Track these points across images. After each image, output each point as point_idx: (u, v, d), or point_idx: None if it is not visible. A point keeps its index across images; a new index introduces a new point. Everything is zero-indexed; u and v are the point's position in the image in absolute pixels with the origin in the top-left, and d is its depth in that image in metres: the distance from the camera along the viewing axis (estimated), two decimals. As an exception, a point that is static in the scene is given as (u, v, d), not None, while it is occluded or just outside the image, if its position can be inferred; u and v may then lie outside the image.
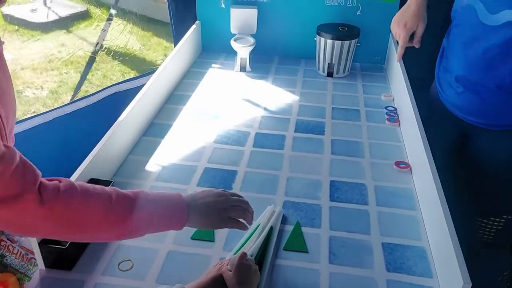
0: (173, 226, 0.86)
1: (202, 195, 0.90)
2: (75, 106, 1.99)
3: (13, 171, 0.68)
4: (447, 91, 1.39)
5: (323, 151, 1.42)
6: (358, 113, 1.65)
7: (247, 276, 0.88)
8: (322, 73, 1.94)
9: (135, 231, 0.82)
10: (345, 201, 1.21)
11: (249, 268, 0.89)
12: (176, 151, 1.41)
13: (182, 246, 1.05)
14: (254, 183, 1.28)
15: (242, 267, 0.88)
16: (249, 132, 1.51)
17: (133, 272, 0.98)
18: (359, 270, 1.00)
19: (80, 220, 0.76)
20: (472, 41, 1.25)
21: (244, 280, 0.86)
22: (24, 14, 3.71)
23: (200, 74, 1.92)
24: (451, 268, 0.88)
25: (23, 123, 1.84)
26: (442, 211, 0.99)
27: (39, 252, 0.95)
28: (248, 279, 0.87)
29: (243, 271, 0.88)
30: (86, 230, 0.78)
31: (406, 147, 1.44)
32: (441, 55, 1.45)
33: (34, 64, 3.49)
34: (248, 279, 0.87)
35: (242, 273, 0.87)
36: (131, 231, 0.82)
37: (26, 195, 0.69)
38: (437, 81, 1.46)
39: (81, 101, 2.01)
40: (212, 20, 2.04)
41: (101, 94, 2.08)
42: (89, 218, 0.76)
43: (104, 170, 1.23)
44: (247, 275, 0.88)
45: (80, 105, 2.00)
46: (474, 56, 1.25)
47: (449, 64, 1.38)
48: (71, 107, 1.98)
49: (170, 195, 0.87)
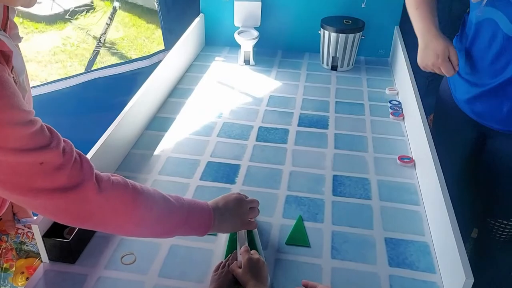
0: (198, 233, 0.92)
1: (223, 202, 0.97)
2: (64, 84, 1.92)
3: (74, 162, 0.72)
4: (463, 94, 1.38)
5: (326, 145, 1.42)
6: (362, 107, 1.64)
7: (258, 269, 0.90)
8: (326, 66, 1.93)
9: (169, 233, 0.90)
10: (348, 196, 1.21)
11: (257, 261, 0.91)
12: (179, 145, 1.41)
13: (184, 240, 1.05)
14: (257, 177, 1.27)
15: (251, 262, 0.90)
16: (252, 126, 1.51)
17: (136, 265, 0.99)
18: (362, 265, 1.00)
19: (128, 213, 0.81)
20: (498, 54, 1.22)
21: (256, 274, 0.88)
22: (29, 7, 3.70)
23: (204, 68, 1.91)
24: (454, 263, 0.87)
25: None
26: (445, 206, 0.98)
27: (43, 245, 0.96)
28: (259, 272, 0.89)
29: (253, 265, 0.90)
30: (130, 222, 0.82)
31: (410, 142, 1.43)
32: None
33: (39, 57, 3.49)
34: (259, 271, 0.89)
35: (252, 267, 0.90)
36: (167, 231, 0.89)
37: (86, 184, 0.73)
38: (450, 81, 1.45)
39: (72, 79, 1.93)
40: (215, 13, 2.03)
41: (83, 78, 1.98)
42: (136, 212, 0.81)
43: (107, 164, 1.23)
44: (257, 268, 0.90)
45: (71, 83, 1.94)
46: (499, 67, 1.23)
47: (471, 74, 1.34)
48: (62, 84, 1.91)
49: (200, 203, 0.93)
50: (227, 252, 1.01)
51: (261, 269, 0.90)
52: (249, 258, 0.91)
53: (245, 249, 0.95)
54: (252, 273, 0.89)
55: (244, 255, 0.93)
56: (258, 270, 0.90)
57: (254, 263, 0.91)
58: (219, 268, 0.95)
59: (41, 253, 0.98)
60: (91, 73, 2.02)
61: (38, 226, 0.94)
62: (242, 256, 0.93)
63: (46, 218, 0.96)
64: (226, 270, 0.93)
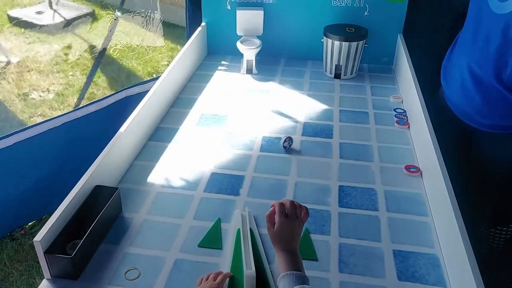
0: None
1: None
2: (85, 111, 1.98)
3: None
4: (451, 85, 1.37)
5: (331, 155, 1.40)
6: (367, 115, 1.63)
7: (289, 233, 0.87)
8: (330, 74, 1.92)
9: None
10: (354, 207, 1.19)
11: (291, 225, 0.87)
12: (182, 156, 1.40)
13: (189, 254, 1.04)
14: (262, 188, 1.26)
15: (283, 225, 0.86)
16: (255, 136, 1.50)
17: (140, 281, 0.97)
18: (370, 279, 0.98)
19: None
20: (481, 31, 1.25)
21: (285, 238, 0.86)
22: (30, 16, 3.71)
23: (206, 77, 1.90)
24: (466, 277, 0.85)
25: (32, 128, 1.83)
26: (454, 217, 0.96)
27: (45, 262, 0.94)
28: (290, 237, 0.87)
29: (285, 229, 0.86)
30: None
31: (416, 151, 1.41)
32: (452, 48, 1.43)
33: (40, 67, 3.49)
34: (290, 236, 0.87)
35: (283, 231, 0.86)
36: None
37: None
38: (443, 75, 1.44)
39: (92, 105, 2.00)
40: (217, 22, 2.02)
41: (112, 99, 2.07)
42: None
43: (109, 176, 1.21)
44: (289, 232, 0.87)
45: (91, 110, 1.99)
46: (480, 45, 1.25)
47: (456, 55, 1.37)
48: (81, 112, 1.97)
49: None
50: (233, 266, 0.99)
51: (293, 234, 0.87)
52: (282, 220, 0.86)
53: (279, 208, 0.88)
54: (284, 236, 0.86)
55: (278, 215, 0.87)
56: (289, 235, 0.86)
57: (286, 227, 0.86)
58: (201, 282, 0.93)
59: (43, 269, 0.96)
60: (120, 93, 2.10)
61: (40, 243, 0.92)
62: (276, 215, 0.88)
63: (48, 233, 0.94)
64: (210, 283, 0.91)
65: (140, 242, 1.07)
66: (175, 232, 1.10)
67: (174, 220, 1.14)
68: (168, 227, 1.12)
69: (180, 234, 1.09)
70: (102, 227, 1.07)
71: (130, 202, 1.19)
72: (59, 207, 1.00)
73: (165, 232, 1.10)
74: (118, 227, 1.11)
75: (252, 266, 0.93)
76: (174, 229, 1.11)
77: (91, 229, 1.00)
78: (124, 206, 1.17)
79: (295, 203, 0.90)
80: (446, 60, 1.45)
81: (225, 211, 1.17)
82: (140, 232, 1.10)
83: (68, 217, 1.01)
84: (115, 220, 1.13)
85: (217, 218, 1.14)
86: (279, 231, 0.86)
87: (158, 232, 1.10)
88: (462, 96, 1.34)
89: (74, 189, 1.05)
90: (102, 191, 1.11)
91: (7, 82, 3.15)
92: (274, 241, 0.88)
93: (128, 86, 2.16)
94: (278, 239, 0.87)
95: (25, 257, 1.95)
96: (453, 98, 1.39)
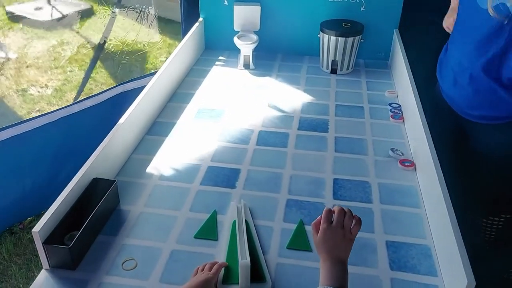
0: None
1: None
2: (82, 105, 1.99)
3: None
4: (445, 79, 1.40)
5: (327, 148, 1.42)
6: (362, 110, 1.64)
7: (334, 242, 0.81)
8: (326, 70, 1.93)
9: None
10: (348, 199, 1.21)
11: (336, 233, 0.82)
12: (179, 149, 1.41)
13: (185, 245, 1.05)
14: (258, 181, 1.27)
15: (327, 233, 0.82)
16: (252, 130, 1.51)
17: (137, 271, 0.99)
18: (363, 269, 1.00)
19: None
20: (468, 25, 1.28)
21: (330, 248, 0.81)
22: (29, 12, 3.71)
23: (203, 72, 1.92)
24: (456, 267, 0.87)
25: (29, 122, 1.84)
26: (446, 209, 0.98)
27: (44, 252, 0.96)
28: (335, 245, 0.82)
29: (329, 237, 0.81)
30: None
31: (410, 145, 1.43)
32: (448, 42, 1.45)
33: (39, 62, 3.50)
34: (335, 245, 0.82)
35: (328, 239, 0.81)
36: None
37: None
38: (438, 69, 1.46)
39: (88, 100, 2.01)
40: (215, 18, 2.03)
41: (108, 94, 2.08)
42: None
43: (107, 169, 1.23)
44: (333, 241, 0.81)
45: (87, 104, 2.00)
46: (468, 40, 1.27)
47: (451, 50, 1.39)
48: (78, 106, 1.98)
49: None
50: (228, 256, 1.01)
51: (336, 243, 0.80)
52: (325, 228, 0.81)
53: (325, 215, 0.82)
54: (326, 245, 0.80)
55: (323, 221, 0.82)
56: (332, 244, 0.80)
57: (330, 235, 0.80)
58: (197, 272, 0.94)
59: (41, 260, 0.97)
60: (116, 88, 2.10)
61: (39, 233, 0.94)
62: (322, 222, 0.82)
63: (47, 224, 0.95)
64: (205, 273, 0.92)
65: (137, 233, 1.09)
66: (171, 224, 1.12)
67: (170, 212, 1.16)
68: (164, 219, 1.13)
69: (176, 226, 1.11)
70: (100, 218, 1.09)
71: (127, 195, 1.20)
72: (58, 198, 1.01)
73: (162, 223, 1.12)
74: (115, 219, 1.13)
75: (247, 256, 0.95)
76: (170, 221, 1.13)
77: (89, 220, 1.01)
78: (122, 198, 1.18)
79: (345, 211, 0.84)
80: (442, 54, 1.47)
81: (221, 203, 1.19)
82: (137, 223, 1.12)
83: (66, 209, 1.03)
84: (112, 212, 1.15)
85: (213, 210, 1.16)
86: (321, 238, 0.81)
87: (155, 224, 1.12)
88: (454, 89, 1.36)
89: (73, 181, 1.07)
90: (100, 184, 1.13)
91: (5, 78, 3.16)
92: (317, 249, 0.83)
93: (124, 81, 2.18)
94: (321, 247, 0.82)
95: (23, 251, 1.97)
96: (447, 92, 1.41)
